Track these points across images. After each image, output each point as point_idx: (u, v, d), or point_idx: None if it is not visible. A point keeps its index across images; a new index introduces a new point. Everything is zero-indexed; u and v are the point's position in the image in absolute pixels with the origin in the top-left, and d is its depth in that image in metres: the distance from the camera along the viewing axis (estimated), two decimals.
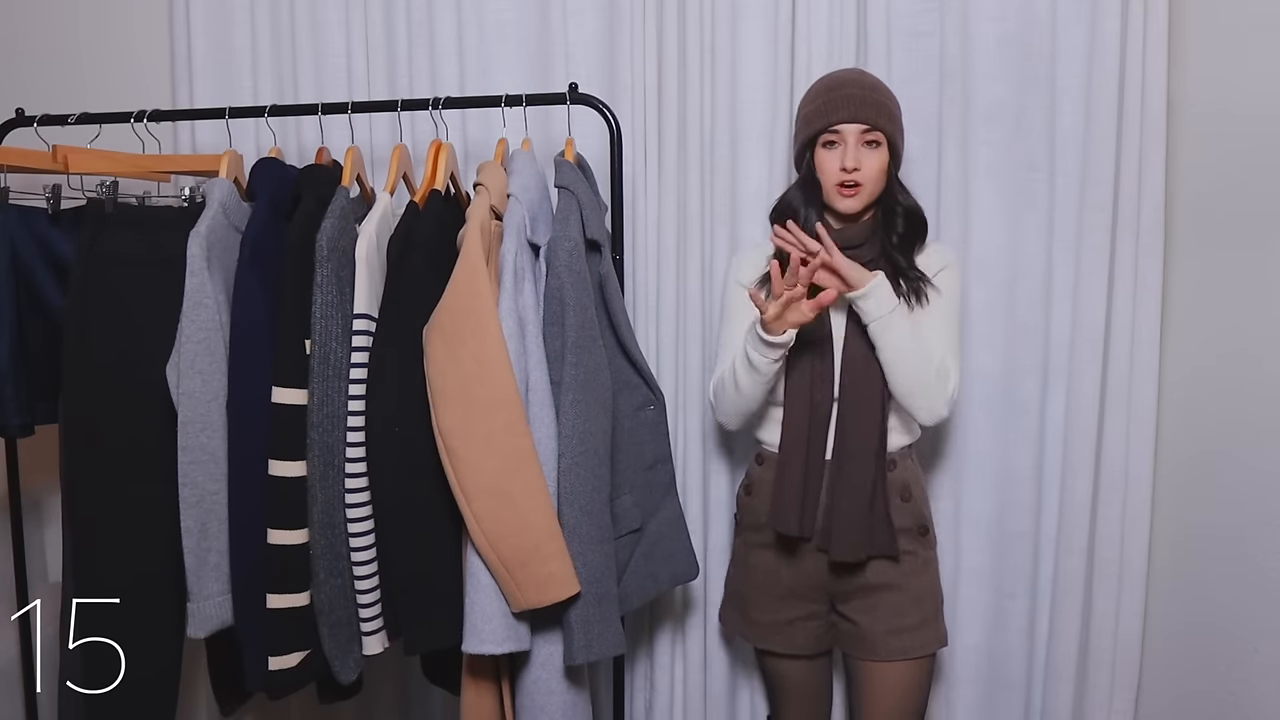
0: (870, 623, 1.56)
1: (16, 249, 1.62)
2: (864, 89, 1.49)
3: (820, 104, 1.50)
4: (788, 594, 1.60)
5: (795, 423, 1.53)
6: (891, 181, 1.52)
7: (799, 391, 1.53)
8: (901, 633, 1.54)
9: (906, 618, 1.55)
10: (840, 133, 1.48)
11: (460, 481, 1.38)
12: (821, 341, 1.52)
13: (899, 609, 1.55)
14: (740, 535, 1.68)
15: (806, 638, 1.62)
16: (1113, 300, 1.79)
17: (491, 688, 1.51)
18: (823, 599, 1.61)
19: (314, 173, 1.60)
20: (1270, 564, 1.52)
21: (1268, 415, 1.53)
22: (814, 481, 1.53)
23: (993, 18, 1.81)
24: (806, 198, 1.54)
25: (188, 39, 2.01)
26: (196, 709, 2.19)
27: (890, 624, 1.54)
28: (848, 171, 1.47)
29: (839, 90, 1.49)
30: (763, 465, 1.63)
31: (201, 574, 1.48)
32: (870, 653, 1.56)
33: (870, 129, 1.47)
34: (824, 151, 1.50)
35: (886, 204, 1.54)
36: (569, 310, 1.45)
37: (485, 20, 1.97)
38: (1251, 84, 1.57)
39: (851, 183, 1.48)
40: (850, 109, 1.47)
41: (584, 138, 1.75)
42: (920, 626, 1.55)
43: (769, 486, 1.58)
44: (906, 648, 1.54)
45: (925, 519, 1.59)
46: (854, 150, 1.47)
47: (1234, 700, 1.60)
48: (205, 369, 1.46)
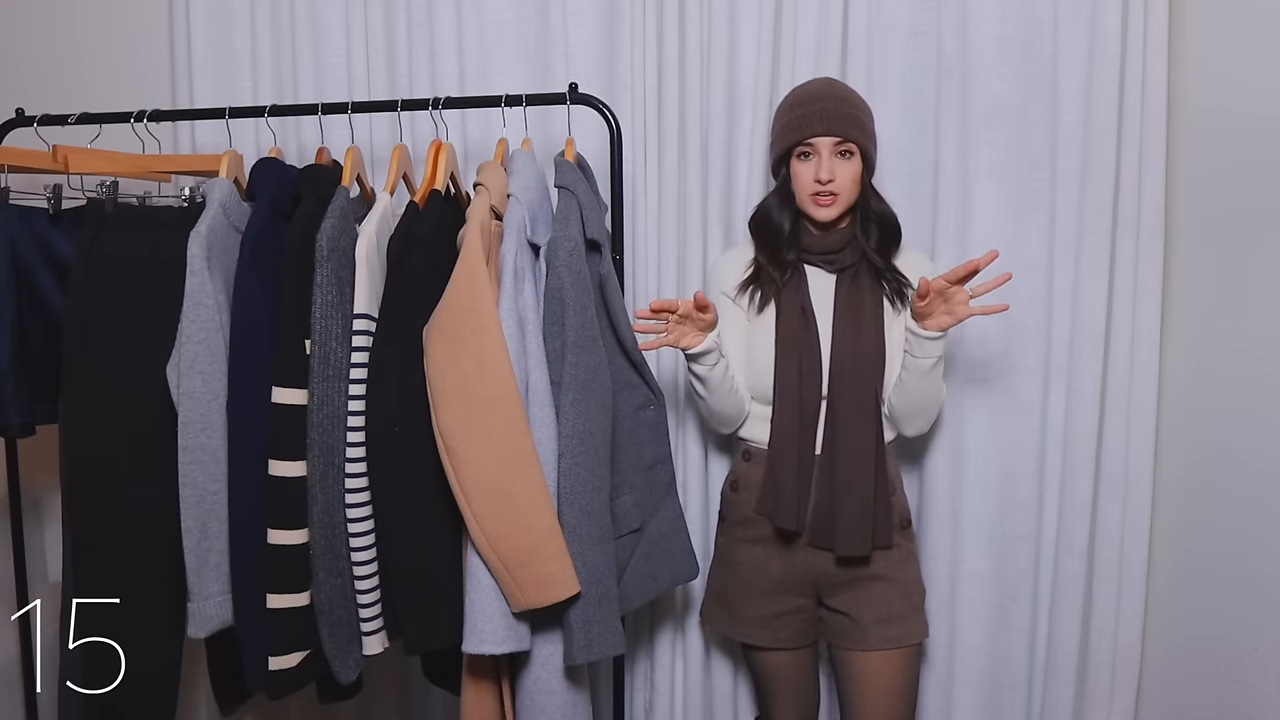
0: (860, 613, 1.60)
1: (17, 249, 1.62)
2: (837, 102, 1.54)
3: (794, 118, 1.56)
4: (775, 588, 1.64)
5: (785, 421, 1.56)
6: (866, 189, 1.58)
7: (787, 390, 1.56)
8: (890, 621, 1.59)
9: (894, 607, 1.59)
10: (814, 145, 1.54)
11: (460, 481, 1.38)
12: (808, 340, 1.57)
13: (887, 599, 1.59)
14: (725, 531, 1.71)
15: (793, 631, 1.65)
16: (1113, 300, 1.79)
17: (491, 688, 1.51)
18: (810, 593, 1.65)
19: (314, 173, 1.60)
20: (1270, 564, 1.52)
21: (1268, 415, 1.53)
22: (804, 479, 1.57)
23: (992, 17, 1.81)
24: (783, 207, 1.60)
25: (188, 39, 2.01)
26: (196, 709, 2.19)
27: (878, 614, 1.59)
28: (822, 183, 1.53)
29: (812, 105, 1.55)
30: (749, 462, 1.66)
31: (202, 574, 1.48)
32: (860, 643, 1.59)
33: (843, 140, 1.53)
34: (799, 163, 1.57)
35: (862, 211, 1.59)
36: (569, 310, 1.45)
37: (485, 20, 1.97)
38: (1251, 83, 1.57)
39: (827, 193, 1.54)
40: (824, 123, 1.52)
41: (584, 138, 1.75)
42: (907, 616, 1.60)
43: (757, 482, 1.62)
44: (895, 636, 1.59)
45: (907, 511, 1.65)
46: (828, 162, 1.53)
47: (1234, 700, 1.60)
48: (205, 369, 1.46)
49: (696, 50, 1.87)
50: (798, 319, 1.58)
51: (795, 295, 1.59)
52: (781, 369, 1.57)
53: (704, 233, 1.92)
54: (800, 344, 1.57)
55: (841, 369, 1.55)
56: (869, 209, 1.59)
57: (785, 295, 1.60)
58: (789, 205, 1.60)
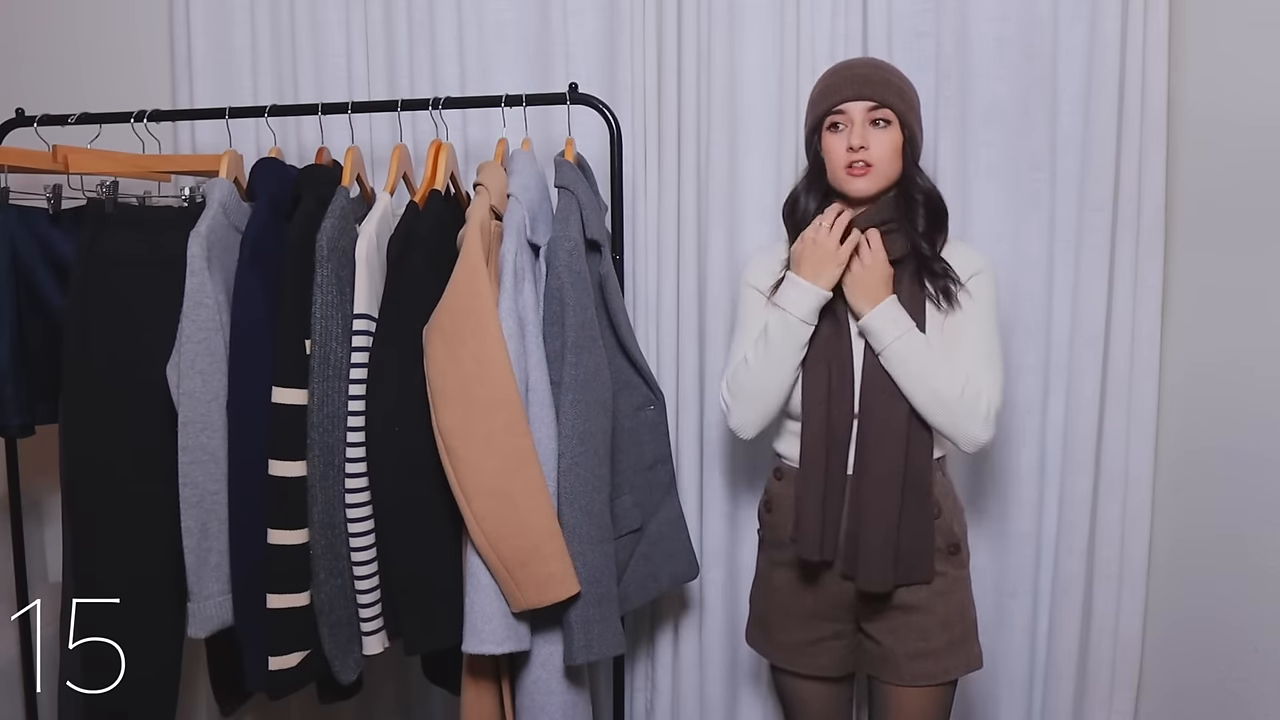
0: (893, 644, 1.46)
1: (16, 249, 1.62)
2: (872, 68, 1.43)
3: (825, 85, 1.44)
4: (812, 615, 1.51)
5: (813, 440, 1.43)
6: (909, 167, 1.43)
7: (815, 407, 1.43)
8: (926, 657, 1.45)
9: (932, 641, 1.45)
10: (846, 113, 1.40)
11: (460, 481, 1.38)
12: (840, 355, 1.43)
13: (924, 632, 1.45)
14: (763, 552, 1.59)
15: (831, 659, 1.52)
16: (1113, 300, 1.79)
17: (491, 688, 1.51)
18: (849, 618, 1.52)
19: (314, 173, 1.60)
20: (1270, 562, 1.52)
21: (1267, 415, 1.53)
22: (834, 502, 1.43)
23: (992, 18, 1.81)
24: (811, 188, 1.48)
25: (188, 39, 2.01)
26: (196, 709, 2.19)
27: (914, 647, 1.45)
28: (854, 150, 1.38)
29: (845, 71, 1.44)
30: (782, 480, 1.53)
31: (202, 574, 1.48)
32: (893, 676, 1.46)
33: (877, 106, 1.39)
34: (830, 136, 1.42)
35: (904, 189, 1.44)
36: (569, 310, 1.45)
37: (485, 20, 1.97)
38: (1251, 83, 1.57)
39: (860, 162, 1.39)
40: (855, 87, 1.39)
41: (584, 138, 1.75)
42: (946, 650, 1.45)
43: (789, 503, 1.49)
44: (930, 673, 1.45)
45: (957, 536, 1.47)
46: (860, 129, 1.39)
47: (1234, 699, 1.60)
48: (205, 369, 1.46)
49: (696, 50, 1.87)
50: (828, 327, 1.43)
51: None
52: (809, 383, 1.43)
53: (704, 233, 1.91)
54: (830, 355, 1.42)
55: (874, 386, 1.40)
56: (913, 187, 1.42)
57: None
58: (818, 185, 1.47)
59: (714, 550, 1.94)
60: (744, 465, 1.95)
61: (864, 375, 1.42)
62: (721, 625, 1.95)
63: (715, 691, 1.98)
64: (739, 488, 1.96)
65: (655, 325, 1.95)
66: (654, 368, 1.90)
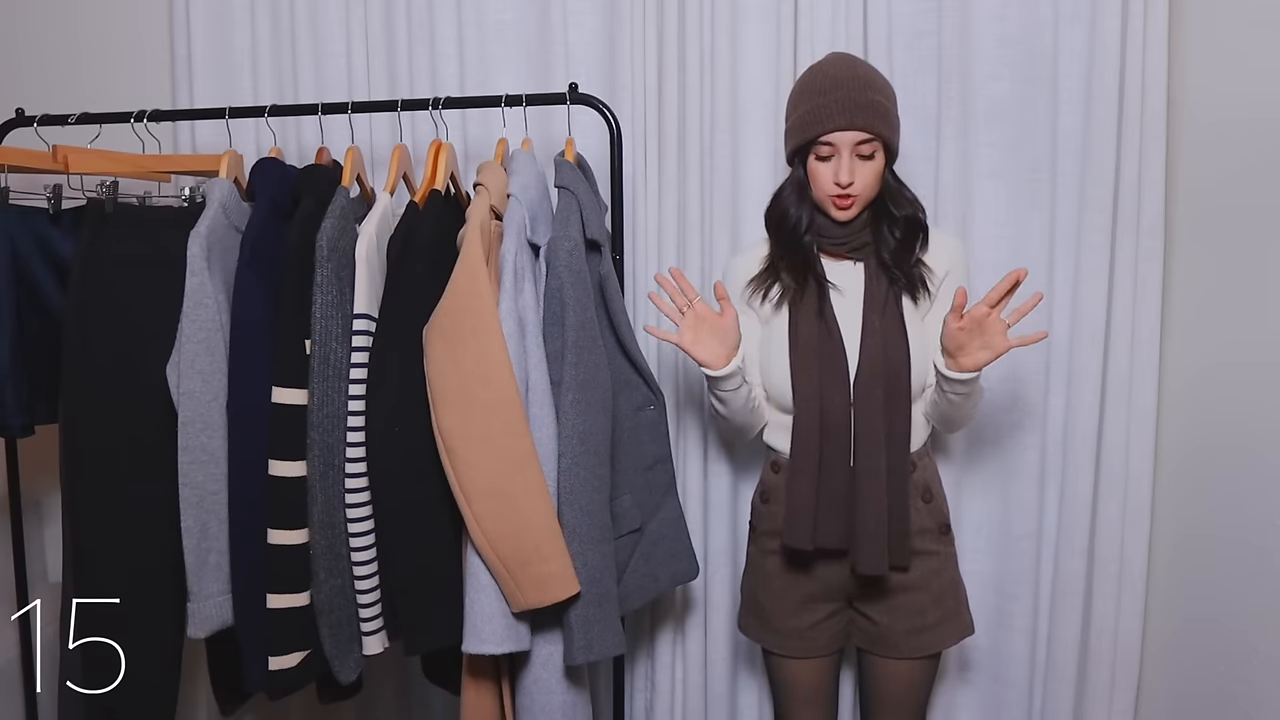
0: (891, 623, 1.53)
1: (16, 249, 1.62)
2: (860, 88, 1.41)
3: (813, 108, 1.43)
4: (807, 599, 1.56)
5: (805, 434, 1.46)
6: (886, 186, 1.48)
7: (806, 400, 1.46)
8: (923, 631, 1.53)
9: (928, 617, 1.53)
10: (834, 145, 1.42)
11: (460, 482, 1.38)
12: (829, 344, 1.47)
13: (920, 609, 1.52)
14: (755, 542, 1.63)
15: (826, 638, 1.58)
16: (1113, 300, 1.79)
17: (491, 688, 1.51)
18: (841, 598, 1.58)
19: (314, 173, 1.60)
20: (1270, 563, 1.52)
21: (1267, 415, 1.53)
22: (828, 492, 1.46)
23: (993, 17, 1.81)
24: (801, 202, 1.50)
25: (188, 39, 2.01)
26: (196, 709, 2.19)
27: (911, 623, 1.52)
28: (842, 186, 1.43)
29: (833, 92, 1.42)
30: (778, 473, 1.57)
31: (202, 574, 1.48)
32: (891, 651, 1.54)
33: (866, 140, 1.42)
34: (817, 164, 1.45)
35: (878, 210, 1.49)
36: (569, 310, 1.45)
37: (485, 20, 1.97)
38: (1252, 83, 1.57)
39: (846, 195, 1.44)
40: (846, 115, 1.40)
41: (584, 138, 1.75)
42: (940, 623, 1.54)
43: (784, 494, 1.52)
44: (927, 645, 1.54)
45: (945, 516, 1.56)
46: (848, 164, 1.42)
47: (1234, 700, 1.60)
48: (205, 369, 1.46)
49: (697, 50, 1.87)
50: (815, 320, 1.48)
51: (813, 294, 1.49)
52: (799, 376, 1.47)
53: (704, 233, 1.91)
54: (819, 348, 1.47)
55: (868, 380, 1.45)
56: (888, 214, 1.49)
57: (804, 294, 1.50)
58: (807, 199, 1.49)
59: (718, 549, 1.94)
60: (747, 464, 1.95)
61: (858, 370, 1.46)
62: (726, 624, 1.95)
63: (716, 691, 1.98)
64: (742, 486, 1.96)
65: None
66: (654, 368, 1.90)
